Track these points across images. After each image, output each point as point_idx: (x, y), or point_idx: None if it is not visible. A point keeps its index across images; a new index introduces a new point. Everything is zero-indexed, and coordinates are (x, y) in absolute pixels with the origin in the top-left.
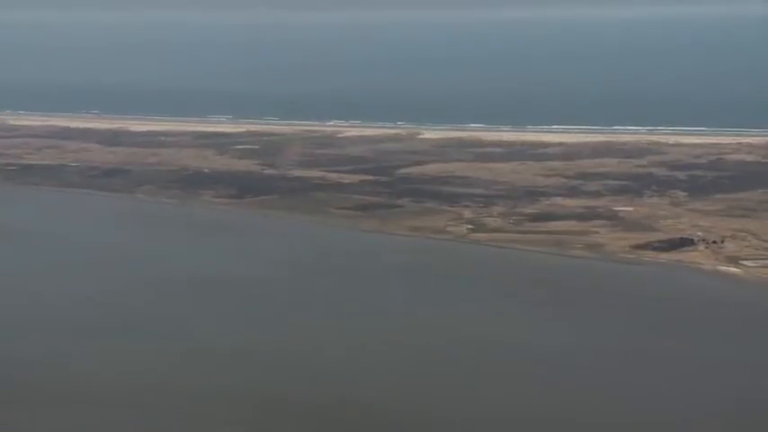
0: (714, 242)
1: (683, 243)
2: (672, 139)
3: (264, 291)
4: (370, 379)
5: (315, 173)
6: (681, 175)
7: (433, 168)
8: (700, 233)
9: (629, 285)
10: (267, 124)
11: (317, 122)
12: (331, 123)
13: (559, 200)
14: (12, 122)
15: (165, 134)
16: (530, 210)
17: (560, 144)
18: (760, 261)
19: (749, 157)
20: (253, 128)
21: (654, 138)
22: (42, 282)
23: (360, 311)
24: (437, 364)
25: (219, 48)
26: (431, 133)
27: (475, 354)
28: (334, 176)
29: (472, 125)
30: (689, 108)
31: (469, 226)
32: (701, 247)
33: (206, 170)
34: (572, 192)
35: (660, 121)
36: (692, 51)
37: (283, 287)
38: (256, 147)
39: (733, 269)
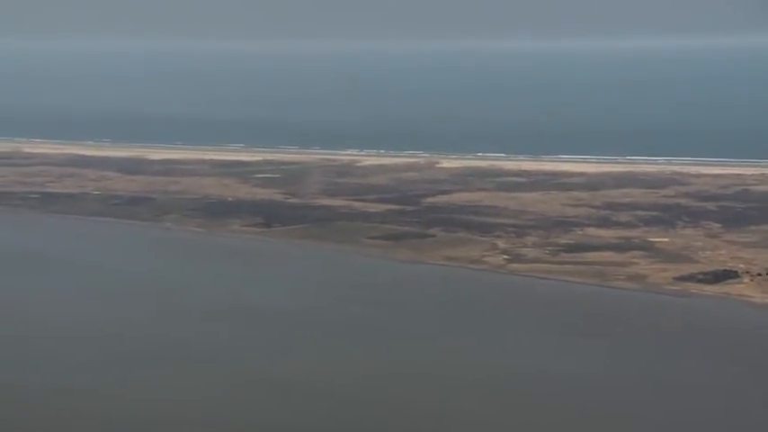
0: (759, 274)
1: (727, 275)
2: (693, 170)
3: (308, 321)
4: (411, 411)
5: (339, 202)
6: (710, 206)
7: (458, 197)
8: (741, 265)
9: (678, 318)
10: (283, 153)
11: (333, 151)
12: (347, 152)
13: (592, 230)
14: (27, 150)
15: (183, 162)
16: (564, 240)
17: (582, 174)
18: None
19: None
20: (270, 156)
21: (675, 168)
22: (77, 310)
23: (405, 343)
24: (483, 396)
25: (233, 76)
26: (449, 162)
27: (524, 387)
28: (359, 205)
29: (488, 154)
30: (706, 138)
31: (506, 256)
32: (746, 279)
33: (229, 199)
34: (604, 222)
35: (677, 152)
36: (708, 82)
37: (325, 317)
38: (277, 175)
39: None
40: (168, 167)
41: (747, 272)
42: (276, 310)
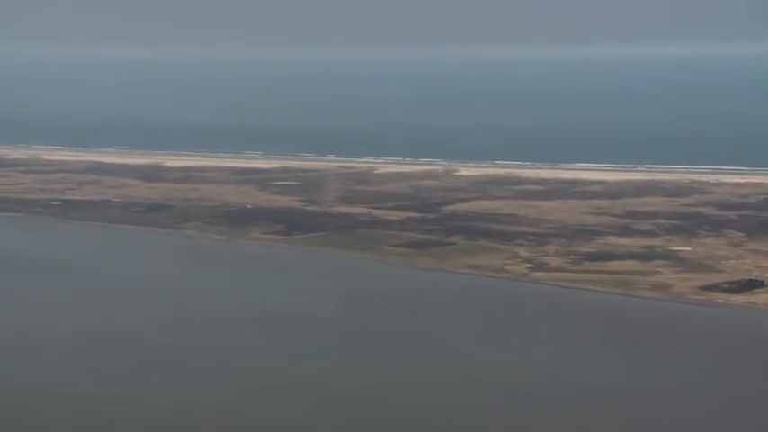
0: None
1: (753, 284)
2: (712, 179)
3: (333, 328)
4: (437, 419)
5: (359, 209)
6: (732, 215)
7: (477, 206)
8: (767, 274)
9: (705, 328)
10: (300, 160)
11: (349, 159)
12: (364, 160)
13: (613, 239)
14: (47, 157)
15: (201, 170)
16: (586, 249)
17: (601, 182)
18: None
19: None
20: (287, 164)
21: (693, 177)
22: (101, 317)
23: (432, 351)
24: (510, 406)
25: (247, 84)
26: (467, 170)
27: (553, 397)
28: (379, 213)
29: (505, 162)
30: (723, 147)
31: (529, 265)
32: None
33: (249, 206)
34: (625, 231)
35: (694, 160)
36: (723, 90)
37: (350, 325)
38: (295, 183)
39: None
40: (186, 175)
41: None
42: (301, 318)
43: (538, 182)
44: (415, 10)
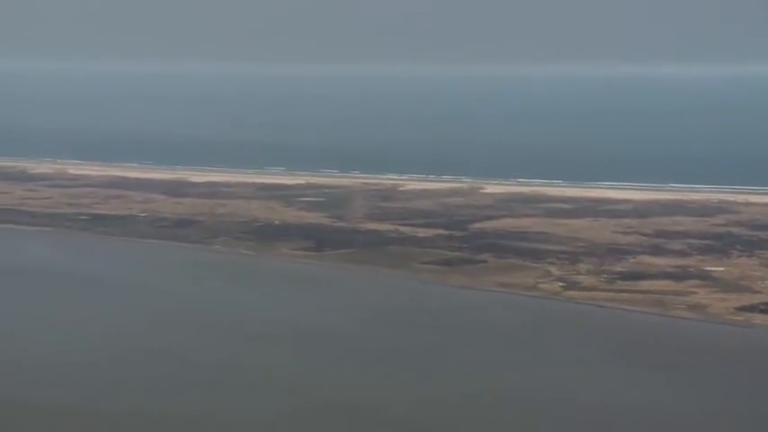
0: None
1: None
2: (740, 198)
3: (369, 346)
4: None
5: (387, 226)
6: (764, 234)
7: (505, 223)
8: None
9: (745, 349)
10: (325, 177)
11: (374, 175)
12: (388, 177)
13: (646, 258)
14: (71, 171)
15: (225, 185)
16: (619, 268)
17: (628, 201)
18: None
19: None
20: (312, 180)
21: (720, 196)
22: (138, 334)
23: (469, 370)
24: (549, 426)
25: (269, 100)
26: (492, 188)
27: (595, 418)
28: (407, 230)
29: (529, 180)
30: (747, 167)
31: (561, 283)
32: None
33: (276, 222)
34: (657, 250)
35: (718, 179)
36: (743, 110)
37: (385, 343)
38: (321, 199)
39: None
40: (212, 190)
41: None
42: (336, 335)
43: (564, 200)
44: (439, 28)
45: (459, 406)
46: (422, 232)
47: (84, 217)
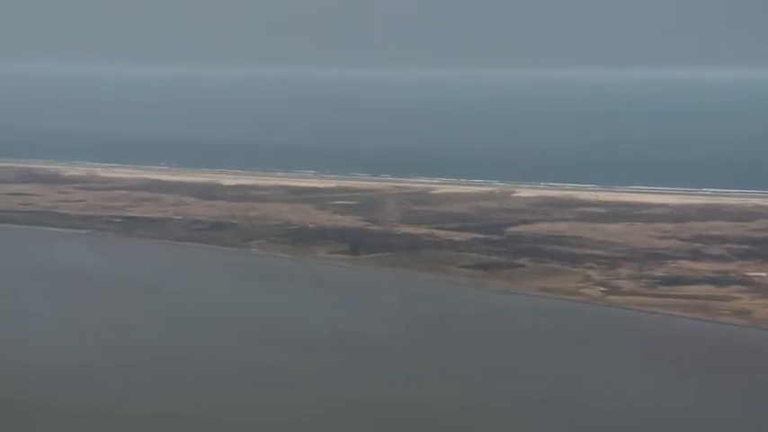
0: None
1: None
2: None
3: (412, 351)
4: None
5: (422, 230)
6: None
7: (541, 227)
8: None
9: None
10: (355, 180)
11: (404, 179)
12: (419, 180)
13: (685, 263)
14: (102, 174)
15: (256, 188)
16: (659, 273)
17: (663, 205)
18: None
19: None
20: (343, 183)
21: (756, 201)
22: (178, 337)
23: (515, 376)
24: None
25: (298, 103)
26: (524, 192)
27: (644, 426)
28: (443, 234)
29: (560, 184)
30: None
31: (602, 288)
32: None
33: (311, 225)
34: (696, 255)
35: (749, 184)
36: None
37: (428, 348)
38: (353, 202)
39: None
40: (243, 193)
41: None
42: (378, 340)
43: (598, 204)
44: (469, 32)
45: (503, 412)
46: (457, 236)
47: (118, 219)
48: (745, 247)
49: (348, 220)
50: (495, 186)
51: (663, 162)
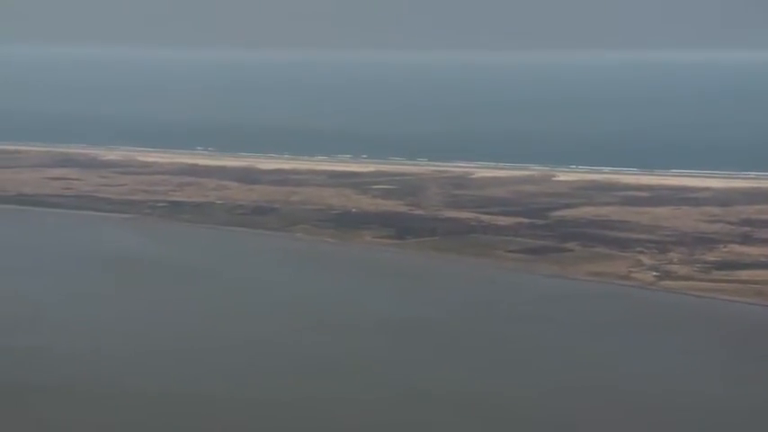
0: None
1: None
2: None
3: (468, 337)
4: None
5: (466, 214)
6: None
7: (585, 212)
8: None
9: None
10: (393, 164)
11: (442, 163)
12: (457, 164)
13: (737, 247)
14: (140, 159)
15: (295, 172)
16: (711, 257)
17: (707, 189)
18: None
19: None
20: (381, 168)
21: None
22: (231, 323)
23: (575, 361)
24: (664, 421)
25: (336, 87)
26: (564, 175)
27: (713, 414)
28: (487, 218)
29: (599, 168)
30: None
31: (655, 273)
32: None
33: (353, 210)
34: (746, 239)
35: None
36: None
37: (486, 334)
38: (393, 187)
39: None
40: (282, 177)
41: None
42: (434, 325)
43: (641, 188)
44: (506, 14)
45: (567, 398)
46: (502, 220)
47: (161, 204)
48: None
49: (390, 205)
50: (535, 170)
51: (703, 145)
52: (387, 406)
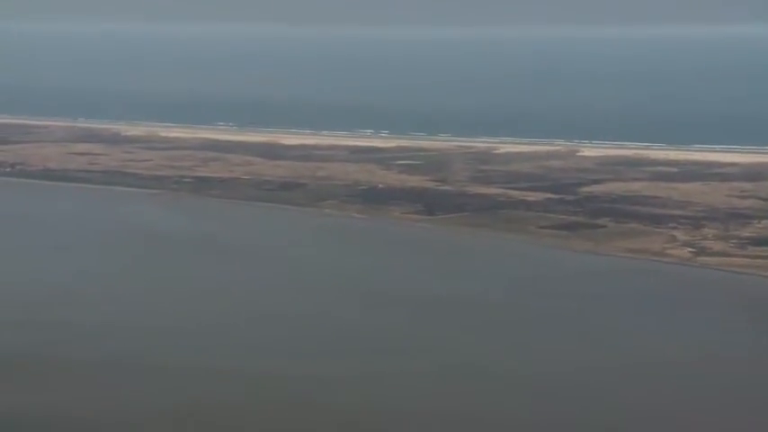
0: None
1: None
2: None
3: (507, 313)
4: (619, 407)
5: (493, 190)
6: None
7: (614, 187)
8: None
9: None
10: (415, 139)
11: (465, 138)
12: (481, 139)
13: None
14: (163, 134)
15: (318, 148)
16: (746, 233)
17: (734, 164)
18: None
19: None
20: (403, 143)
21: None
22: (279, 298)
23: (617, 339)
24: (706, 399)
25: (360, 63)
26: (590, 150)
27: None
28: (516, 194)
29: (624, 143)
30: None
31: (690, 249)
32: None
33: (380, 185)
34: None
35: None
36: None
37: (524, 310)
38: (418, 162)
39: None
40: (306, 153)
41: None
42: (472, 302)
43: (669, 163)
44: None
45: (609, 374)
46: (531, 196)
47: (188, 179)
48: None
49: (415, 180)
50: (559, 145)
51: (724, 119)
52: (439, 381)
